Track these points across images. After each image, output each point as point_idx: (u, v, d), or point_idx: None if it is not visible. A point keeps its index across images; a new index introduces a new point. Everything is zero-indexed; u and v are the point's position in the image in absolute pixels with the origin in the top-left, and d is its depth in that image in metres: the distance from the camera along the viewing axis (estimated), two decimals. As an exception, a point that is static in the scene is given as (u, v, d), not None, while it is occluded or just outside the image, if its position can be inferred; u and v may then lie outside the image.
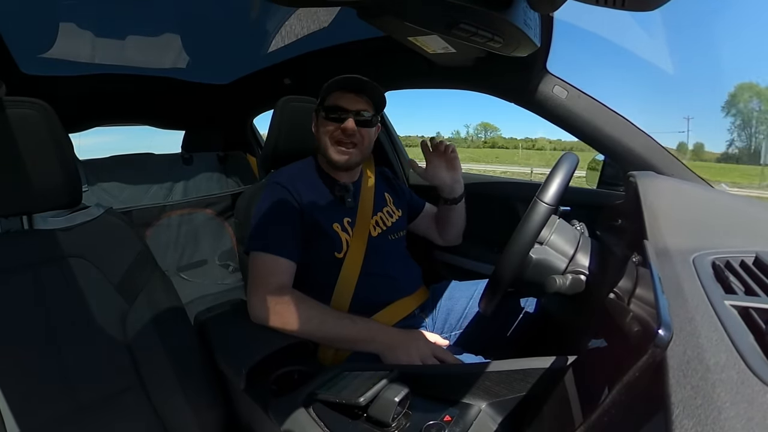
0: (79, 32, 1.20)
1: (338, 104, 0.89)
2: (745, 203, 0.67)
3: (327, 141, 0.90)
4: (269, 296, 0.76)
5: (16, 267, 0.67)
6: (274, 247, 0.81)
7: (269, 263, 0.80)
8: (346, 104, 0.88)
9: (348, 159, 0.90)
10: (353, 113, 0.88)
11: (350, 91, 0.90)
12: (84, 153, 1.58)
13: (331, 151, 0.90)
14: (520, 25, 0.51)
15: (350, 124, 0.87)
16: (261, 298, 0.76)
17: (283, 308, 0.75)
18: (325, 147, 0.90)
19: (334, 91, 0.90)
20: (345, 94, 0.89)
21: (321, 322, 0.75)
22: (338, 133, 0.89)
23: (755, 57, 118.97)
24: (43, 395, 0.62)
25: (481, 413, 0.57)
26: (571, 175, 0.68)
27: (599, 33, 1.92)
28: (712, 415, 0.23)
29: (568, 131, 0.94)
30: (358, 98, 0.90)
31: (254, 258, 0.81)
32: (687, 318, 0.32)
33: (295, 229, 0.84)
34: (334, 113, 0.88)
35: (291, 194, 0.87)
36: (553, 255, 0.69)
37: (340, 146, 0.89)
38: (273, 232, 0.83)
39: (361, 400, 0.53)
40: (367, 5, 0.54)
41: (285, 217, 0.85)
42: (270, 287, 0.77)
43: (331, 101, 0.90)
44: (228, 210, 1.86)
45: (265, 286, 0.77)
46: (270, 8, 1.17)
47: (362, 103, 0.90)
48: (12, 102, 0.63)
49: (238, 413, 0.74)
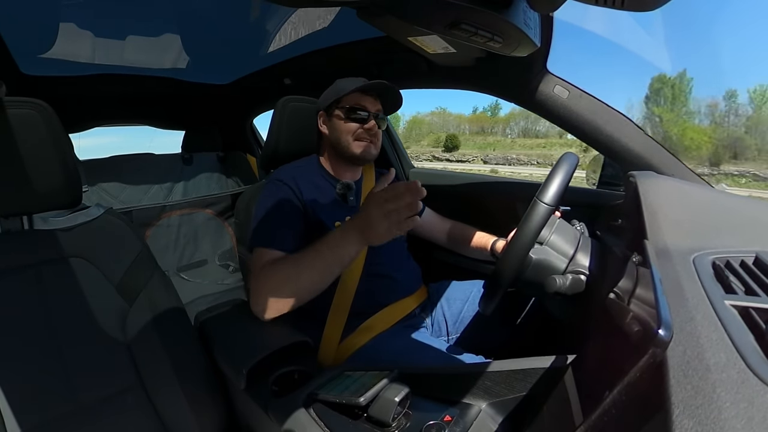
0: (79, 32, 1.20)
1: (361, 104, 0.93)
2: (745, 203, 0.66)
3: (348, 138, 0.93)
4: (257, 284, 0.74)
5: (17, 267, 0.67)
6: (277, 242, 0.80)
7: (264, 256, 0.79)
8: (368, 105, 0.93)
9: (369, 150, 0.94)
10: (373, 114, 0.94)
11: (370, 94, 0.94)
12: (84, 153, 1.58)
13: (354, 147, 0.93)
14: (520, 25, 0.51)
15: (373, 124, 0.93)
16: (254, 287, 0.74)
17: (269, 287, 0.73)
18: (347, 144, 0.93)
19: (353, 92, 0.92)
20: (365, 96, 0.94)
21: (297, 272, 0.71)
22: (361, 132, 0.93)
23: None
24: (43, 395, 0.62)
25: (481, 413, 0.57)
26: (571, 175, 0.68)
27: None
28: (712, 415, 0.23)
29: (569, 131, 0.94)
30: (375, 101, 0.95)
31: (255, 253, 0.81)
32: (687, 318, 0.32)
33: (297, 225, 0.85)
34: (356, 113, 0.92)
35: (293, 191, 0.87)
36: (553, 255, 0.69)
37: (361, 141, 0.93)
38: (275, 228, 0.83)
39: (361, 400, 0.53)
40: (367, 5, 0.54)
41: (287, 213, 0.85)
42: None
43: (352, 102, 0.93)
44: (228, 210, 1.86)
45: (255, 276, 0.76)
46: (270, 8, 1.17)
47: (378, 105, 0.96)
48: (12, 102, 0.63)
49: (238, 413, 0.74)
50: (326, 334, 0.84)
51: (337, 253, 0.70)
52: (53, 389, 0.63)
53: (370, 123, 0.93)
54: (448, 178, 1.44)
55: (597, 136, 0.91)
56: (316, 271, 0.71)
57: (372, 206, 0.65)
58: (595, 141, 0.92)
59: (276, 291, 0.72)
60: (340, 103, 0.93)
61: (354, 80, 0.95)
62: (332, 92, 0.95)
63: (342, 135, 0.93)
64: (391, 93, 0.95)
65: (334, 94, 0.94)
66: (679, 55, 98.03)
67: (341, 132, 0.93)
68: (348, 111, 0.92)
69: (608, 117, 0.90)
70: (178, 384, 0.70)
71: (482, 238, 1.03)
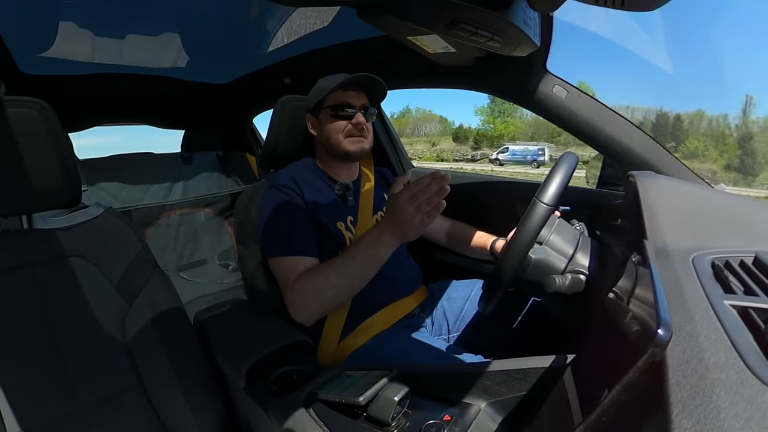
0: (79, 32, 1.20)
1: (345, 101, 0.92)
2: (744, 203, 0.66)
3: (339, 137, 0.92)
4: (300, 291, 0.77)
5: (16, 266, 0.67)
6: (299, 249, 0.81)
7: (289, 265, 0.80)
8: (352, 101, 0.92)
9: (362, 147, 0.94)
10: (359, 108, 0.93)
11: (352, 89, 0.93)
12: (84, 153, 1.58)
13: (346, 144, 0.93)
14: (520, 25, 0.51)
15: (361, 119, 0.92)
16: (291, 297, 0.77)
17: (308, 291, 0.76)
18: (338, 143, 0.93)
19: (335, 90, 0.91)
20: (347, 91, 0.93)
21: (339, 278, 0.75)
22: (350, 128, 0.92)
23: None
24: (43, 395, 0.62)
25: (481, 413, 0.57)
26: (570, 175, 0.68)
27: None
28: (711, 415, 0.23)
29: (568, 131, 0.94)
30: (359, 95, 0.94)
31: (277, 263, 0.82)
32: (686, 318, 0.32)
33: (309, 228, 0.85)
34: (342, 110, 0.92)
35: (296, 194, 0.87)
36: (553, 255, 0.69)
37: (353, 137, 0.93)
38: (291, 234, 0.83)
39: (360, 400, 0.53)
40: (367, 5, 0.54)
41: (297, 217, 0.85)
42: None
43: (336, 100, 0.92)
44: (228, 210, 1.86)
45: (290, 287, 0.78)
46: (270, 8, 1.17)
47: (363, 98, 0.95)
48: (12, 102, 0.63)
49: (238, 413, 0.74)
50: (326, 334, 0.84)
51: (374, 255, 0.74)
52: (53, 389, 0.63)
53: (357, 117, 0.92)
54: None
55: (596, 135, 0.91)
56: (356, 276, 0.75)
57: (401, 203, 0.68)
58: (594, 141, 0.92)
59: (319, 297, 0.75)
60: (325, 103, 0.93)
61: (335, 77, 0.94)
62: (315, 93, 0.95)
63: (332, 134, 0.93)
64: (373, 84, 0.94)
65: (317, 94, 0.94)
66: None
67: (330, 131, 0.93)
68: (333, 109, 0.92)
69: (606, 117, 0.90)
70: (178, 383, 0.70)
71: (482, 237, 1.03)
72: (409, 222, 0.67)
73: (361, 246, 0.75)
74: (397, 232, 0.70)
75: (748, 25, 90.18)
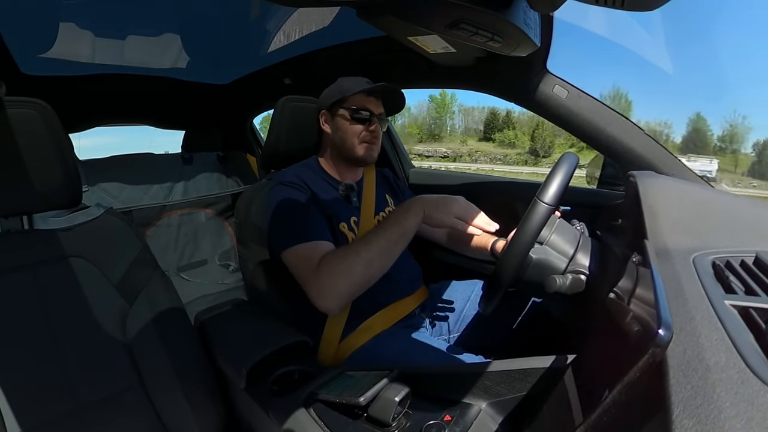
0: (79, 32, 1.20)
1: (366, 106, 0.93)
2: (745, 203, 0.66)
3: (354, 140, 0.93)
4: (328, 269, 0.74)
5: (16, 267, 0.67)
6: (313, 234, 0.80)
7: (309, 250, 0.78)
8: (372, 108, 0.94)
9: (372, 152, 0.96)
10: (377, 116, 0.94)
11: (374, 96, 0.95)
12: (84, 153, 1.58)
13: (359, 149, 0.94)
14: (520, 25, 0.51)
15: (377, 127, 0.94)
16: (318, 281, 0.73)
17: (337, 267, 0.73)
18: (352, 146, 0.93)
19: (358, 93, 0.92)
20: (369, 97, 0.94)
21: (367, 245, 0.73)
22: (365, 134, 0.93)
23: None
24: (43, 395, 0.63)
25: (481, 413, 0.57)
26: (571, 175, 0.68)
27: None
28: (712, 415, 0.23)
29: (569, 131, 0.94)
30: (378, 102, 0.96)
31: (292, 253, 0.79)
32: (687, 318, 0.32)
33: (320, 217, 0.85)
34: (361, 114, 0.93)
35: (303, 189, 0.87)
36: (553, 255, 0.69)
37: (366, 143, 0.94)
38: (302, 222, 0.82)
39: (361, 400, 0.53)
40: (368, 5, 0.54)
41: (307, 207, 0.84)
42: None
43: (357, 103, 0.93)
44: (228, 210, 1.86)
45: (315, 271, 0.74)
46: (270, 8, 1.17)
47: (381, 107, 0.97)
48: (12, 102, 0.63)
49: (238, 413, 0.74)
50: (326, 334, 0.84)
51: (402, 223, 0.75)
52: (53, 389, 0.63)
53: (374, 125, 0.93)
54: (448, 178, 1.44)
55: (597, 135, 0.91)
56: (385, 247, 0.74)
57: (455, 201, 0.76)
58: (595, 141, 0.92)
59: (350, 273, 0.72)
60: (345, 103, 0.93)
61: (357, 80, 0.95)
62: (336, 91, 0.95)
63: (347, 136, 0.93)
64: (395, 97, 0.96)
65: (338, 93, 0.94)
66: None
67: (346, 133, 0.93)
68: (353, 112, 0.92)
69: (607, 117, 0.90)
70: (178, 384, 0.70)
71: (482, 237, 1.03)
72: (445, 206, 0.73)
73: (387, 220, 0.76)
74: (430, 205, 0.74)
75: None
